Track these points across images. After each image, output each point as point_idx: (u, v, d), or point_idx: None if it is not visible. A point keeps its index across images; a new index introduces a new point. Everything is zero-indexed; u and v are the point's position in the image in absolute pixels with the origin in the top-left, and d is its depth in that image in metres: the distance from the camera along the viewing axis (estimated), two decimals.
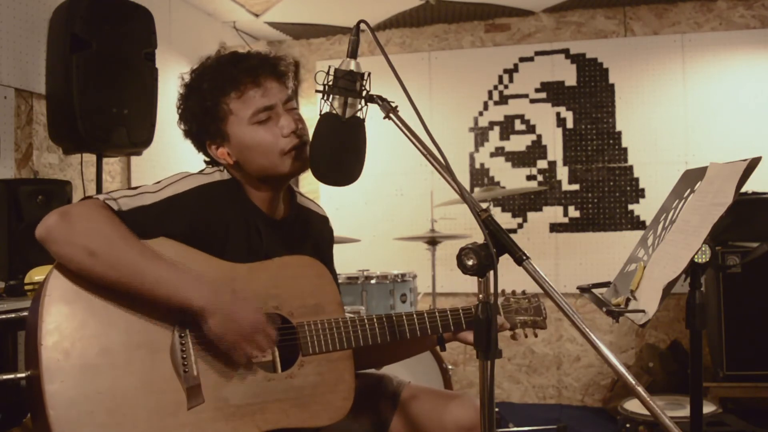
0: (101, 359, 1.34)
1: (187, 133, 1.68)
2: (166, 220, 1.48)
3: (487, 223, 1.28)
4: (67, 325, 1.35)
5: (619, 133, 4.42)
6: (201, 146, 1.67)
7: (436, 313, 1.69)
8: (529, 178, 4.53)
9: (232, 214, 1.59)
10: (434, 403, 1.72)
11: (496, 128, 4.58)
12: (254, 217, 1.63)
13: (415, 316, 1.67)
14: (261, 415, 1.45)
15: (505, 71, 4.58)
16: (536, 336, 1.81)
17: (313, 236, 1.79)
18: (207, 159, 1.70)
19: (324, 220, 1.86)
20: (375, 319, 1.64)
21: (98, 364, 1.34)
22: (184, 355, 1.41)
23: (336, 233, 1.94)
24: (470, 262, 1.25)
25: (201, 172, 1.64)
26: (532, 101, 4.54)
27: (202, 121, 1.62)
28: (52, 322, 1.34)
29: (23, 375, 1.38)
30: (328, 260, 1.81)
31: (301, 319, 1.57)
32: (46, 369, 1.30)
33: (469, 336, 1.71)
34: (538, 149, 4.52)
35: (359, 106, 1.47)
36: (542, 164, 4.52)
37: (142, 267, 1.38)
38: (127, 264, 1.37)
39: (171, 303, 1.39)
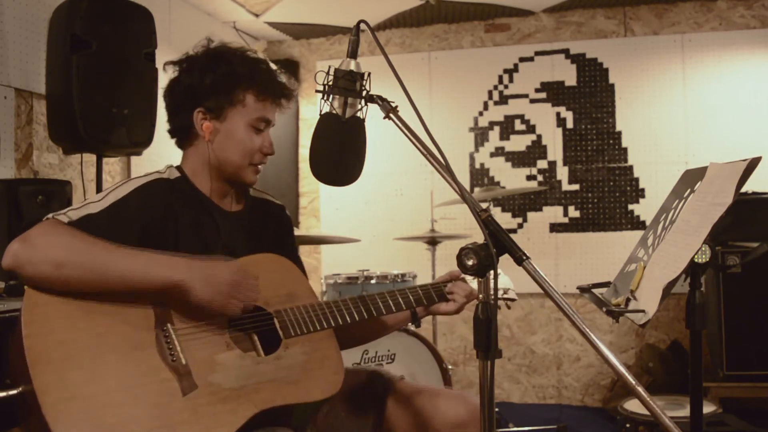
0: (90, 361, 1.36)
1: (188, 89, 1.66)
2: (116, 225, 1.50)
3: (487, 223, 1.29)
4: (49, 333, 1.36)
5: (619, 133, 4.42)
6: (189, 107, 1.66)
7: (407, 290, 1.77)
8: (529, 178, 4.53)
9: (179, 207, 1.62)
10: (424, 401, 1.72)
11: (496, 128, 4.58)
12: (208, 208, 1.67)
13: (387, 294, 1.75)
14: (256, 395, 1.48)
15: (505, 71, 4.58)
16: (509, 308, 1.90)
17: (272, 226, 1.83)
18: (175, 125, 1.70)
19: (281, 209, 1.90)
20: (349, 300, 1.71)
21: (88, 366, 1.35)
22: (170, 347, 1.44)
23: (336, 233, 1.96)
24: (470, 262, 1.25)
25: (142, 176, 1.66)
26: (532, 101, 4.53)
27: (213, 87, 1.63)
28: (34, 332, 1.34)
29: (15, 392, 1.37)
30: (290, 248, 1.86)
31: (278, 307, 1.62)
32: (37, 381, 1.30)
33: (442, 307, 1.80)
34: (538, 149, 4.52)
35: (359, 106, 1.48)
36: (542, 164, 4.52)
37: (111, 261, 1.41)
38: (96, 263, 1.40)
39: (151, 285, 1.42)
